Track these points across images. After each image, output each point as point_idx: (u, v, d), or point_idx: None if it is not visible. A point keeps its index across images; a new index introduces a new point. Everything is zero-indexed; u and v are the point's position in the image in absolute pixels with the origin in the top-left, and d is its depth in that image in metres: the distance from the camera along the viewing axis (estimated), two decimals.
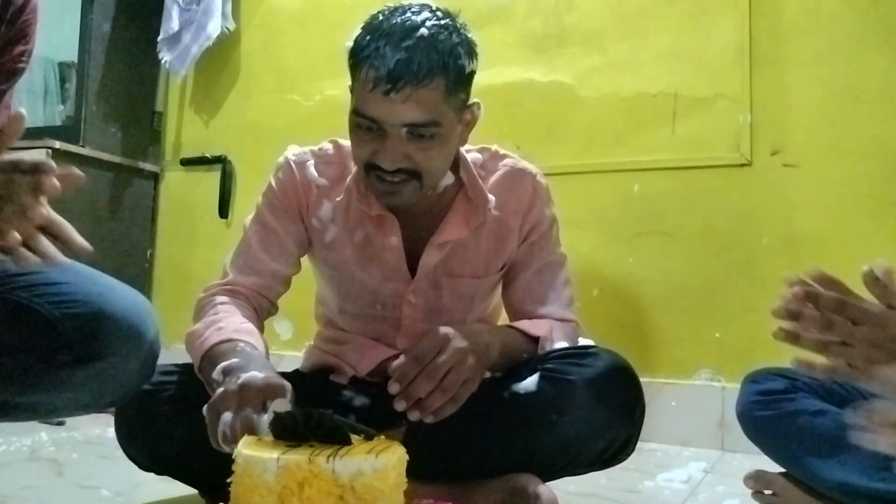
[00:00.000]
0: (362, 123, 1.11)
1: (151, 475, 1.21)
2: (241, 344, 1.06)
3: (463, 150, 1.26)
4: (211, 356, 1.06)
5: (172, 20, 2.72)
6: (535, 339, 1.19)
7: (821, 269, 0.87)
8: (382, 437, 0.83)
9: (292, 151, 1.30)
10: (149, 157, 2.84)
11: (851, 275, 1.88)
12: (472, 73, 1.14)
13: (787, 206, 1.96)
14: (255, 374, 0.93)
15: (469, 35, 1.14)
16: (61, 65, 2.80)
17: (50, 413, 1.19)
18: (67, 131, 2.61)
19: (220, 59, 2.78)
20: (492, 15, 2.32)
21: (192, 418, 1.08)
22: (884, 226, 1.84)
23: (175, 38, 2.73)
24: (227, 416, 0.89)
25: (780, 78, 1.99)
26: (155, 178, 2.87)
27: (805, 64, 1.96)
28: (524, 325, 1.22)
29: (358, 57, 1.10)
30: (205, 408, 0.93)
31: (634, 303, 2.09)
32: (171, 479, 1.20)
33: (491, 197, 1.24)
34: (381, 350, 1.27)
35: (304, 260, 1.33)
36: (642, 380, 1.16)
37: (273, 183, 1.28)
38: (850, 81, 1.91)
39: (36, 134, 2.57)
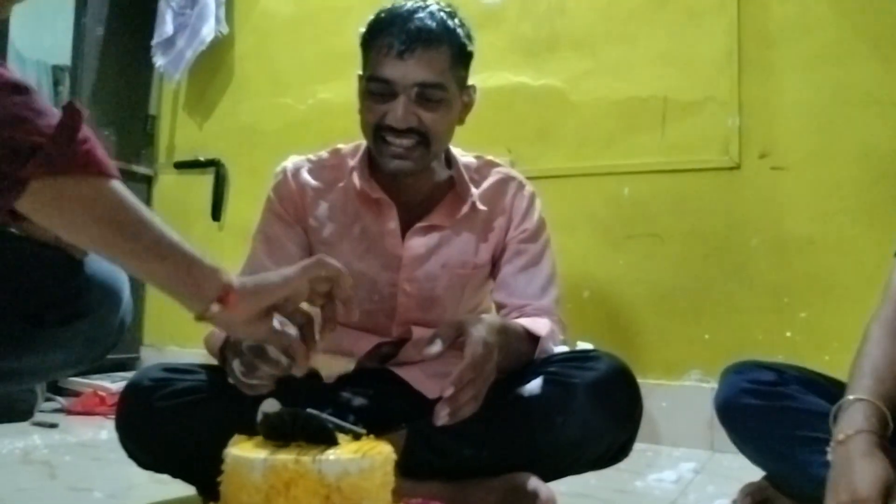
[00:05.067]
0: (374, 88, 1.21)
1: (144, 478, 1.21)
2: None
3: (458, 153, 1.35)
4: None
5: (166, 24, 2.72)
6: (535, 339, 1.20)
7: None
8: (371, 437, 0.84)
9: (291, 160, 1.37)
10: (142, 161, 2.85)
11: (838, 277, 1.90)
12: (472, 54, 1.27)
13: (775, 209, 1.97)
14: None
15: (468, 26, 1.27)
16: (55, 68, 2.80)
17: (35, 377, 1.20)
18: None
19: (213, 63, 2.79)
20: (483, 19, 2.31)
21: (193, 415, 1.10)
22: (871, 228, 1.85)
23: (169, 43, 2.74)
24: (234, 363, 0.95)
25: (768, 82, 2.00)
26: (148, 181, 2.88)
27: (793, 68, 1.98)
28: (525, 321, 1.22)
29: (373, 31, 1.23)
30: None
31: (624, 305, 2.10)
32: (164, 480, 1.20)
33: (474, 190, 1.33)
34: (375, 337, 1.30)
35: None
36: None
37: (271, 193, 1.35)
38: (837, 85, 1.92)
39: None
